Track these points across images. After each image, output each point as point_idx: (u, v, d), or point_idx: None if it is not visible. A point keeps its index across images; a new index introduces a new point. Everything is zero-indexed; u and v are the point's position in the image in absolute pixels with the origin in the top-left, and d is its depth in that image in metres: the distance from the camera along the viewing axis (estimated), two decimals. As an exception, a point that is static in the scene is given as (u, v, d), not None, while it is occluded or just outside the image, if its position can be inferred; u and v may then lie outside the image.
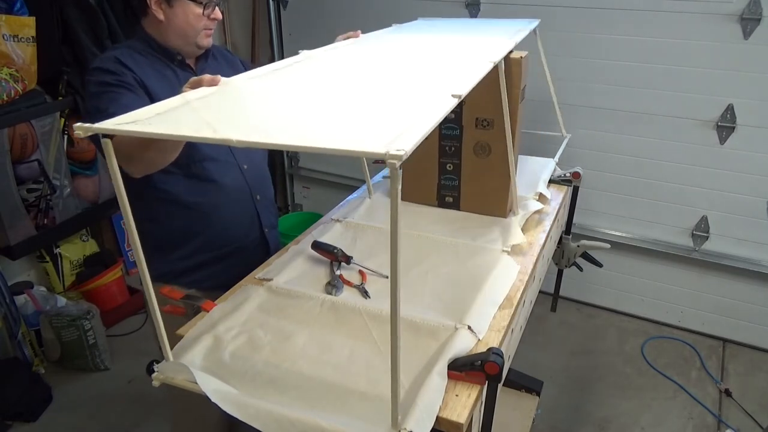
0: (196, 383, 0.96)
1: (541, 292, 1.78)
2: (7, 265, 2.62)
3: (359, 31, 1.61)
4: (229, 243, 1.57)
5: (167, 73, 1.47)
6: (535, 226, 1.64)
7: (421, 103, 0.91)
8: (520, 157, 1.78)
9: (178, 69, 1.49)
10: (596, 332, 2.99)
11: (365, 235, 1.56)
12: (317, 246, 1.44)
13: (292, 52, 1.32)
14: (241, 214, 1.58)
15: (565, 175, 1.95)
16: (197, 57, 1.54)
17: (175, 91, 1.03)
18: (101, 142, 0.82)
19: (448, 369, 1.02)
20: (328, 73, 1.20)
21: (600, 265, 2.15)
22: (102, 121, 0.83)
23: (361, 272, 1.38)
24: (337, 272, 1.37)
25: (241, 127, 0.77)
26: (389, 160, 0.65)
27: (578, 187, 1.96)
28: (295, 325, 1.18)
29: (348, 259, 1.40)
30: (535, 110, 2.23)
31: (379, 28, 1.75)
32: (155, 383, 1.02)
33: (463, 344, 1.09)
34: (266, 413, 0.91)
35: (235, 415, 0.91)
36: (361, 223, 1.62)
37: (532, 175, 1.87)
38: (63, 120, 2.65)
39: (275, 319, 1.20)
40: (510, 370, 1.56)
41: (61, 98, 2.59)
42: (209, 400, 0.94)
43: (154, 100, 1.07)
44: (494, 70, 1.21)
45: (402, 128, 0.75)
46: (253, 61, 3.51)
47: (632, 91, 2.66)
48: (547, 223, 1.66)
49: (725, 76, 2.46)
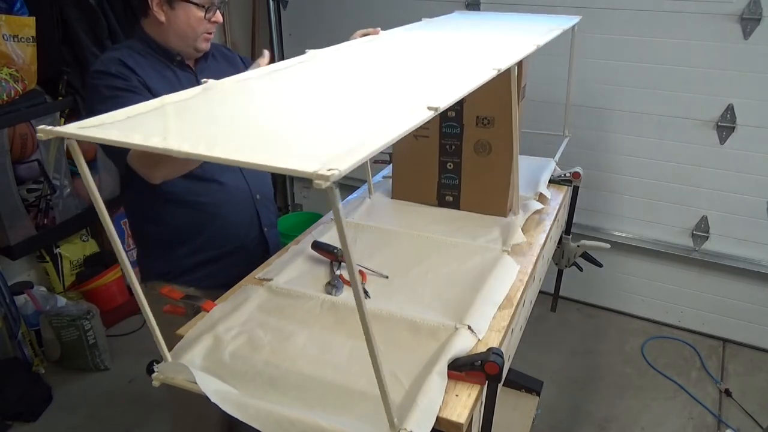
0: (196, 383, 0.96)
1: (541, 292, 1.78)
2: (7, 265, 2.62)
3: (379, 28, 1.58)
4: (229, 242, 1.57)
5: (167, 73, 1.46)
6: (535, 226, 1.64)
7: (393, 115, 0.86)
8: (520, 156, 1.78)
9: (178, 69, 1.49)
10: (596, 332, 2.99)
11: (365, 235, 1.56)
12: (317, 246, 1.44)
13: (292, 52, 1.31)
14: (241, 213, 1.58)
15: (565, 175, 1.95)
16: (196, 58, 1.54)
17: (175, 91, 1.02)
18: (66, 144, 0.80)
19: (448, 369, 1.02)
20: (319, 78, 1.18)
21: (600, 265, 2.15)
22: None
23: (361, 272, 1.38)
24: (337, 272, 1.37)
25: (191, 138, 0.73)
26: (315, 180, 0.62)
27: (578, 187, 1.96)
28: (295, 325, 1.18)
29: (348, 259, 1.40)
30: (535, 110, 2.23)
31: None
32: (155, 383, 1.02)
33: (463, 344, 1.09)
34: (266, 413, 0.91)
35: (235, 415, 0.91)
36: (361, 223, 1.62)
37: (532, 175, 1.87)
38: (63, 120, 2.65)
39: (275, 319, 1.20)
40: (510, 370, 1.56)
41: (61, 98, 2.59)
42: (209, 400, 0.94)
43: None
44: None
45: (355, 143, 0.72)
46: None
47: (632, 91, 2.66)
48: (547, 223, 1.66)
49: (725, 76, 2.46)
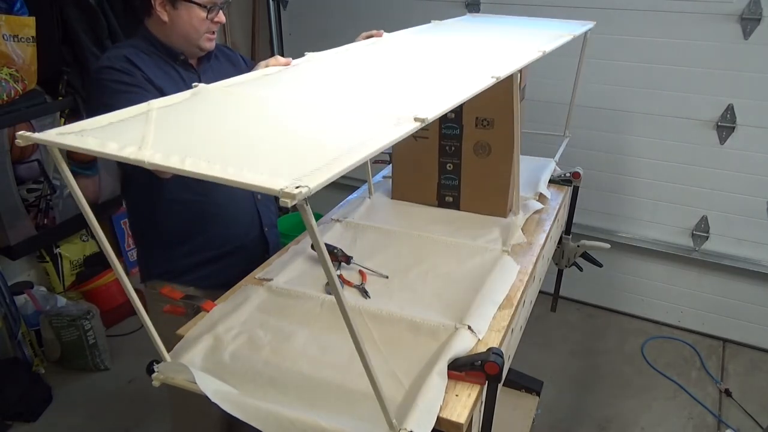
0: (196, 383, 0.96)
1: (541, 292, 1.78)
2: (7, 265, 2.62)
3: (382, 30, 1.58)
4: (230, 242, 1.57)
5: (171, 72, 1.47)
6: (535, 226, 1.64)
7: (378, 126, 0.84)
8: (520, 157, 1.78)
9: (181, 68, 1.49)
10: (596, 332, 2.99)
11: (365, 235, 1.56)
12: (317, 246, 1.44)
13: (293, 53, 1.31)
14: (241, 213, 1.58)
15: (565, 175, 1.95)
16: (199, 57, 1.54)
17: (179, 90, 1.03)
18: (49, 150, 0.78)
19: (448, 369, 1.02)
20: (311, 84, 1.16)
21: (600, 265, 2.15)
22: None
23: (361, 272, 1.38)
24: (337, 272, 1.37)
25: (166, 148, 0.73)
26: (282, 198, 0.61)
27: (578, 187, 1.96)
28: (295, 325, 1.18)
29: (348, 259, 1.40)
30: (535, 110, 2.23)
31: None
32: (155, 383, 1.02)
33: (463, 344, 1.09)
34: (266, 413, 0.91)
35: (235, 415, 0.91)
36: (361, 223, 1.62)
37: (532, 175, 1.87)
38: (63, 120, 2.65)
39: (275, 319, 1.20)
40: (510, 370, 1.56)
41: (61, 98, 2.59)
42: (209, 400, 0.94)
43: None
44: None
45: (332, 157, 0.71)
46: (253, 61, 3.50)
47: (632, 91, 2.66)
48: (547, 223, 1.66)
49: (725, 76, 2.46)
